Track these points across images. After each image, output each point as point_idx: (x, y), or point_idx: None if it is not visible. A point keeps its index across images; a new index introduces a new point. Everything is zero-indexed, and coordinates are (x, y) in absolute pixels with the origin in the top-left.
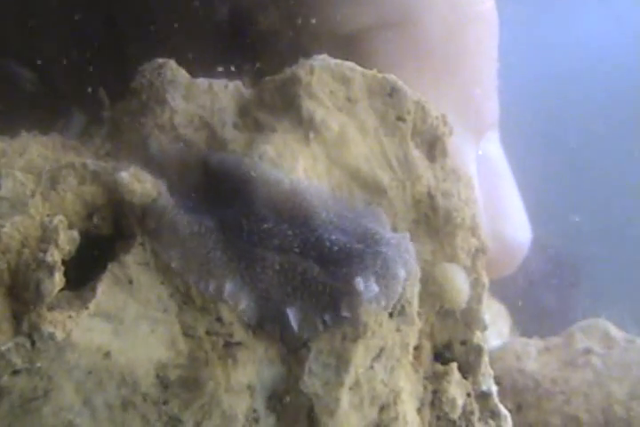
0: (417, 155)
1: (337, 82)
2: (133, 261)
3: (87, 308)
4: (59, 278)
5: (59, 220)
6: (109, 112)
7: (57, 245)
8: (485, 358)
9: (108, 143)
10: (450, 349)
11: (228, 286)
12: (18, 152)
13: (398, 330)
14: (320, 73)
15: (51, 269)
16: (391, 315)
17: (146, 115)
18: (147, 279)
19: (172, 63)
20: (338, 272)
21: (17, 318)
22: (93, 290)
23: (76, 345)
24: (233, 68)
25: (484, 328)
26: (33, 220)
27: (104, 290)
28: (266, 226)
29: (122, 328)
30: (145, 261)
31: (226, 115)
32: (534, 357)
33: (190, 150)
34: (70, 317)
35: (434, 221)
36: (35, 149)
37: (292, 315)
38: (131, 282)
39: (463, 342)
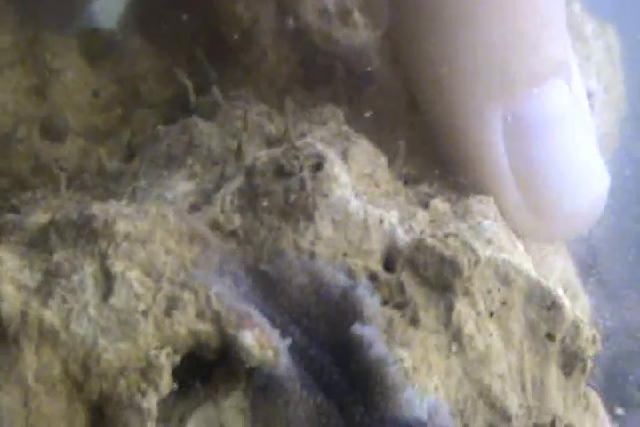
0: (554, 377)
1: (498, 281)
2: (230, 405)
3: None
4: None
5: (165, 356)
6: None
7: (156, 390)
8: None
9: (248, 216)
10: None
11: None
12: (141, 238)
13: None
14: (484, 268)
15: (144, 417)
16: None
17: (287, 220)
18: None
19: (334, 162)
20: None
21: None
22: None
23: None
24: None
25: None
26: (138, 350)
27: None
28: None
29: None
30: (242, 408)
31: (371, 261)
32: None
33: (323, 297)
34: None
35: None
36: (159, 236)
37: None
38: None
39: None
